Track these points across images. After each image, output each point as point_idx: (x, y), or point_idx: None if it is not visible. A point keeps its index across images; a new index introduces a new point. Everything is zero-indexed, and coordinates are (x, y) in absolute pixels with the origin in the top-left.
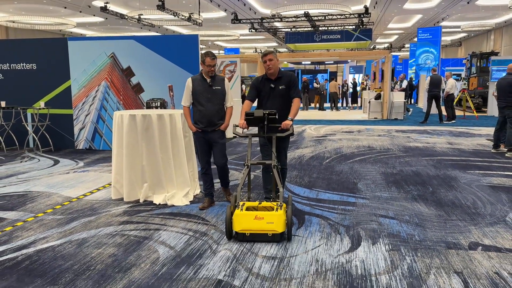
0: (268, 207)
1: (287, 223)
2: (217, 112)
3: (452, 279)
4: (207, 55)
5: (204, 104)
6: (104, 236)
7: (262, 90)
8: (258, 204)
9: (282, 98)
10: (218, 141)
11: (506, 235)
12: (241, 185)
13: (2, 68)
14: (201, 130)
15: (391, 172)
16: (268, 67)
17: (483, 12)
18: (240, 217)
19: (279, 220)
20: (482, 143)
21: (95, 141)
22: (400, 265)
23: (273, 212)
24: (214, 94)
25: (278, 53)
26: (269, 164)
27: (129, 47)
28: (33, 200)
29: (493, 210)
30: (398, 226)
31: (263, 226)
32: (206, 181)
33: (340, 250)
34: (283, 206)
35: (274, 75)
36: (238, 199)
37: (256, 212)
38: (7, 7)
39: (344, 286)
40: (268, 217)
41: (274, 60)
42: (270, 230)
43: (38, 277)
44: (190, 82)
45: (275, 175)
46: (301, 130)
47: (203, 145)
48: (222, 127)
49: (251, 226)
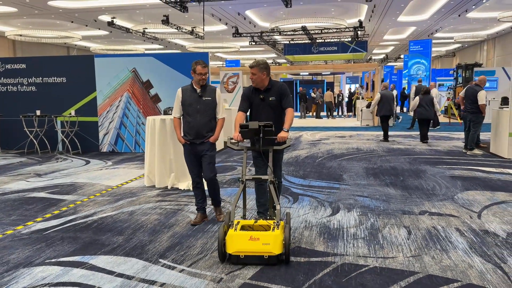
0: (265, 225)
1: (285, 243)
2: (206, 124)
3: (400, 230)
4: (197, 63)
5: (192, 115)
6: (147, 209)
7: (253, 101)
8: (254, 222)
9: (273, 109)
10: (207, 153)
11: (449, 206)
12: (236, 202)
13: (36, 81)
14: (190, 142)
15: (372, 167)
16: (251, 79)
17: (474, 24)
18: (234, 238)
19: (276, 241)
20: (457, 145)
21: (118, 144)
22: (365, 223)
23: (270, 232)
24: (203, 105)
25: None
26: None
27: (148, 62)
28: (82, 188)
29: (446, 192)
30: (369, 201)
31: (258, 247)
32: (197, 195)
33: (323, 215)
34: (281, 224)
35: (262, 86)
36: (232, 217)
37: (252, 232)
38: (16, 21)
39: (323, 233)
40: (264, 238)
41: (258, 75)
42: (266, 252)
43: (108, 232)
44: (180, 92)
45: (272, 192)
46: (298, 136)
47: (192, 158)
48: (211, 139)
49: (245, 247)
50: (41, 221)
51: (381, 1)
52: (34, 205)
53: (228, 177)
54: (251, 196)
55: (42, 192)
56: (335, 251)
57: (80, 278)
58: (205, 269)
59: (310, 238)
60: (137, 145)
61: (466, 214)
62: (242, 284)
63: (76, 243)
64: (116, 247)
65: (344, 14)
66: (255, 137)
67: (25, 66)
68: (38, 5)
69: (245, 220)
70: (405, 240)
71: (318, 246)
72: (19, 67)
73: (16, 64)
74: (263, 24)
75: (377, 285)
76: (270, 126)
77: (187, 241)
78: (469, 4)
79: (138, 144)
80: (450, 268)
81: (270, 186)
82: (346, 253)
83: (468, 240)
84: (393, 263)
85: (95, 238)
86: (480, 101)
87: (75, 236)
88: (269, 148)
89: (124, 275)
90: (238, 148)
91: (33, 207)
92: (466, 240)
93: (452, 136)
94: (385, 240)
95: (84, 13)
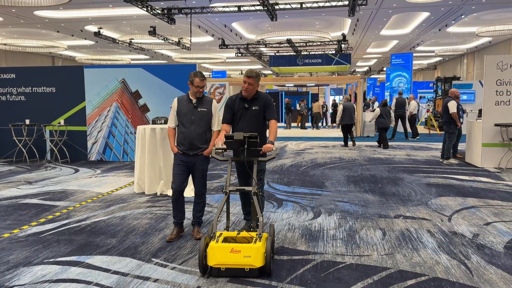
0: (248, 237)
1: (266, 256)
2: (201, 135)
3: (376, 232)
4: (196, 76)
5: (187, 126)
6: (138, 214)
7: (237, 110)
8: (237, 234)
9: (256, 119)
10: (199, 167)
11: (423, 211)
12: (219, 214)
13: (25, 91)
14: (182, 152)
15: (353, 175)
16: (245, 89)
17: (454, 38)
18: (215, 250)
19: (258, 253)
20: (435, 154)
21: (106, 153)
22: (344, 225)
23: (251, 244)
24: (198, 115)
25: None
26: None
27: (138, 73)
28: (73, 194)
29: (421, 197)
30: (349, 206)
31: (239, 260)
32: (177, 208)
33: (306, 219)
34: (263, 237)
35: (250, 96)
36: (214, 228)
37: (233, 244)
38: (0, 31)
39: (305, 235)
40: (245, 250)
41: (254, 86)
42: (247, 265)
43: (101, 234)
44: (176, 102)
45: (255, 204)
46: (283, 145)
47: (181, 167)
48: (205, 152)
49: (226, 260)
50: (36, 225)
51: (363, 16)
52: (28, 211)
53: (215, 184)
54: (235, 205)
55: (34, 198)
56: (316, 250)
57: (78, 275)
58: (195, 266)
59: (293, 239)
60: (125, 154)
61: (438, 217)
62: (229, 279)
63: (71, 245)
64: (110, 248)
65: (328, 27)
66: (240, 148)
67: (15, 76)
68: (24, 14)
69: (228, 232)
70: (380, 241)
71: (300, 246)
72: (8, 76)
73: (5, 74)
74: (249, 36)
75: (352, 279)
76: (255, 137)
77: (177, 242)
78: (448, 19)
79: (126, 153)
80: (419, 264)
81: (253, 198)
82: (325, 252)
83: (437, 240)
84: (368, 260)
85: (90, 240)
86: (450, 110)
87: (70, 238)
88: (254, 159)
89: (120, 273)
90: (223, 158)
91: (27, 213)
92: (435, 240)
93: (430, 147)
94: (361, 241)
95: (71, 23)
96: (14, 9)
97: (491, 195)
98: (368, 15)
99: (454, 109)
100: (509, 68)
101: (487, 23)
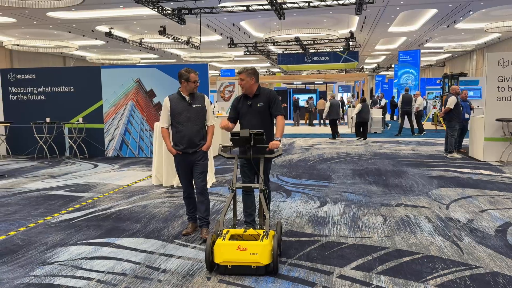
0: (255, 235)
1: (273, 253)
2: (198, 132)
3: (377, 218)
4: (190, 71)
5: (183, 124)
6: (158, 203)
7: (241, 108)
8: (243, 231)
9: (260, 116)
10: (199, 162)
11: (423, 200)
12: (226, 211)
13: (45, 90)
14: (182, 152)
15: (358, 168)
16: (240, 85)
17: (463, 34)
18: (222, 248)
19: (264, 251)
20: (440, 149)
21: (122, 150)
22: (348, 213)
23: (258, 242)
24: (194, 112)
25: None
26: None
27: (152, 73)
28: (95, 187)
29: (422, 188)
30: (353, 196)
31: (246, 257)
32: (189, 204)
33: (313, 207)
34: (270, 234)
35: (250, 93)
36: (221, 226)
37: (240, 241)
38: (13, 31)
39: (312, 220)
40: (252, 248)
41: (246, 80)
42: (253, 262)
43: (126, 220)
44: (168, 101)
45: (262, 201)
46: (291, 142)
47: (184, 168)
48: (204, 148)
49: (233, 257)
50: (65, 213)
51: (371, 13)
52: (56, 201)
53: (227, 177)
54: (241, 203)
55: (60, 190)
56: (321, 233)
57: (110, 254)
58: None
59: (301, 224)
60: (141, 150)
61: (436, 206)
62: None
63: (100, 229)
64: (136, 232)
65: (336, 25)
66: (246, 145)
67: (35, 76)
68: (37, 16)
69: (234, 229)
70: (381, 225)
71: (307, 229)
72: (29, 77)
73: (26, 75)
74: (258, 34)
75: (354, 256)
76: (261, 134)
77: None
78: (457, 16)
79: (141, 149)
80: (415, 245)
81: (260, 195)
82: (330, 234)
83: (434, 225)
84: (368, 241)
85: (116, 225)
86: (447, 105)
87: (98, 224)
88: (260, 156)
89: (147, 251)
90: (229, 156)
91: (55, 203)
92: (432, 225)
93: (436, 142)
94: (363, 225)
95: (82, 24)
96: (28, 11)
97: (489, 186)
98: (376, 12)
99: (451, 105)
100: (510, 65)
101: (495, 19)
